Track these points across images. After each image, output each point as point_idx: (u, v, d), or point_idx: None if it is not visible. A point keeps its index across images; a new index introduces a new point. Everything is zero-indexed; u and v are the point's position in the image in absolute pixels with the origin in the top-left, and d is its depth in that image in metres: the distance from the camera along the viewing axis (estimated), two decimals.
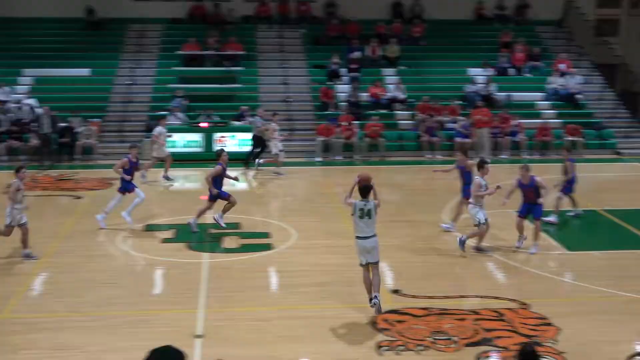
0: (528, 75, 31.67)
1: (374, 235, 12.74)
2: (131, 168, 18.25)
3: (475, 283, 14.84)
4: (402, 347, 11.94)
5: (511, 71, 31.65)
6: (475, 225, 16.38)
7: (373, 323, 12.78)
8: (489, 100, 29.21)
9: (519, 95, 30.29)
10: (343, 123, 27.23)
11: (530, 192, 16.48)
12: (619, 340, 12.35)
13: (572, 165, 19.22)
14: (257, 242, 17.26)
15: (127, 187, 18.31)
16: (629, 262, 16.26)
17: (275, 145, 24.65)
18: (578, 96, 30.15)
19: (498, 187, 16.51)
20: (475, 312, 13.21)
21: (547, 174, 24.72)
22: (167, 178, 23.57)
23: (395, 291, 14.29)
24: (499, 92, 29.89)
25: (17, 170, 15.66)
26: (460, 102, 29.23)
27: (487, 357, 11.72)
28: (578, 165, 25.50)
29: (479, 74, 30.75)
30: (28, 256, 15.74)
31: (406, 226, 18.82)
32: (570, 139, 27.76)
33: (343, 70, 30.71)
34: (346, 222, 18.39)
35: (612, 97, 31.56)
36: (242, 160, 25.18)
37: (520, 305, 13.64)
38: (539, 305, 13.65)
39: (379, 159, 26.49)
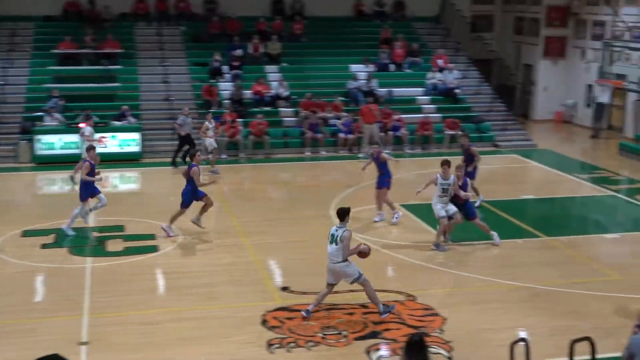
0: (408, 70, 32.25)
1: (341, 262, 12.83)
2: (92, 171, 17.65)
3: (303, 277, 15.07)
4: (292, 344, 12.05)
5: (391, 67, 32.16)
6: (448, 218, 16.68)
7: (264, 321, 12.84)
8: (371, 96, 29.63)
9: (399, 91, 30.82)
10: (227, 121, 27.15)
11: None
12: (503, 327, 12.80)
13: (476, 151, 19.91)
14: (142, 245, 17.05)
15: (93, 192, 17.78)
16: (509, 252, 16.83)
17: (210, 144, 24.82)
18: (456, 91, 30.90)
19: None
20: (364, 306, 13.43)
21: (430, 168, 25.37)
22: (72, 178, 23.20)
23: (285, 288, 14.38)
24: (380, 87, 30.35)
25: None
26: (343, 99, 29.54)
27: (377, 349, 11.95)
28: (459, 159, 26.08)
29: (360, 70, 31.14)
30: None
31: (293, 223, 18.95)
32: (449, 132, 28.44)
33: (225, 68, 30.61)
34: (234, 221, 18.39)
35: (488, 92, 32.46)
36: (170, 160, 25.09)
37: (407, 297, 13.95)
38: (426, 297, 14.00)
39: (264, 157, 26.55)
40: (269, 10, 34.47)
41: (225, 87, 29.66)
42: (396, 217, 18.86)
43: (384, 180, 18.73)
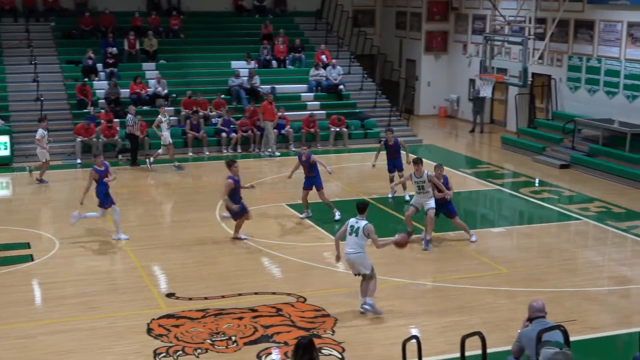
0: (291, 67, 32.33)
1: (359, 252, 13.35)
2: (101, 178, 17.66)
3: (251, 280, 15.02)
4: (180, 352, 11.90)
5: (274, 63, 32.18)
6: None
7: (149, 330, 12.63)
8: (253, 94, 29.57)
9: (282, 88, 30.87)
10: (103, 122, 26.60)
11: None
12: (395, 325, 12.97)
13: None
14: (16, 254, 16.53)
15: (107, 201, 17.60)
16: (397, 249, 17.01)
17: (166, 138, 24.89)
18: (340, 87, 31.14)
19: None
20: (253, 310, 13.39)
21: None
22: (40, 181, 23.07)
23: (170, 295, 14.20)
24: (262, 84, 30.31)
25: None
26: (225, 96, 29.35)
27: (268, 354, 11.92)
28: (344, 156, 26.32)
29: (242, 67, 31.02)
30: None
31: (177, 226, 18.72)
32: (334, 129, 28.64)
33: (99, 66, 29.98)
34: (113, 226, 18.01)
35: (372, 87, 32.86)
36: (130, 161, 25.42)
37: (297, 299, 13.97)
38: (316, 297, 14.05)
39: (144, 158, 26.13)
40: (144, 5, 33.97)
41: (100, 86, 29.06)
42: (305, 215, 19.28)
43: (318, 180, 19.03)
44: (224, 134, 27.36)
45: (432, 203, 17.29)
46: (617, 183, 23.35)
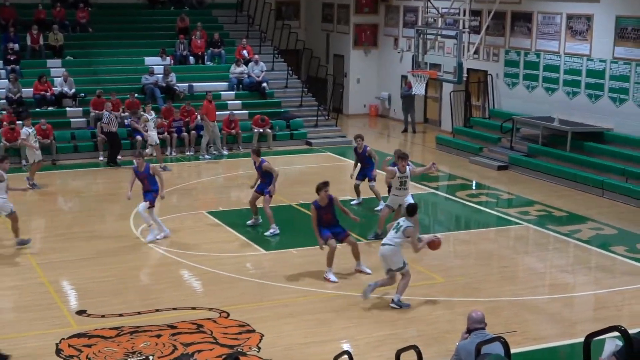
0: (209, 63, 32.19)
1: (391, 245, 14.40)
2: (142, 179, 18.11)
3: (170, 294, 14.93)
4: None
5: (191, 59, 32.01)
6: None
7: (58, 351, 12.46)
8: (169, 92, 29.38)
9: (201, 86, 30.73)
10: (5, 124, 26.13)
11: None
12: (325, 340, 13.01)
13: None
14: None
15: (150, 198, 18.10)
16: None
17: (152, 138, 25.32)
18: (263, 85, 31.13)
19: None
20: (172, 327, 13.30)
21: (239, 169, 25.51)
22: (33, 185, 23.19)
23: (81, 312, 14.02)
24: (179, 82, 30.13)
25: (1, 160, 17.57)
26: (139, 95, 29.06)
27: None
28: (269, 159, 26.35)
29: (156, 64, 30.80)
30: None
31: (88, 237, 18.49)
32: (258, 130, 28.59)
33: None
34: (9, 233, 17.71)
35: (298, 85, 32.93)
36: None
37: (219, 314, 13.92)
38: (240, 312, 14.02)
39: (51, 163, 25.76)
40: None
41: (0, 85, 28.55)
42: (252, 222, 19.47)
43: (267, 187, 19.00)
44: (138, 137, 27.07)
45: (410, 199, 17.97)
46: (558, 185, 23.81)
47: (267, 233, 18.85)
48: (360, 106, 36.23)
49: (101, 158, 26.64)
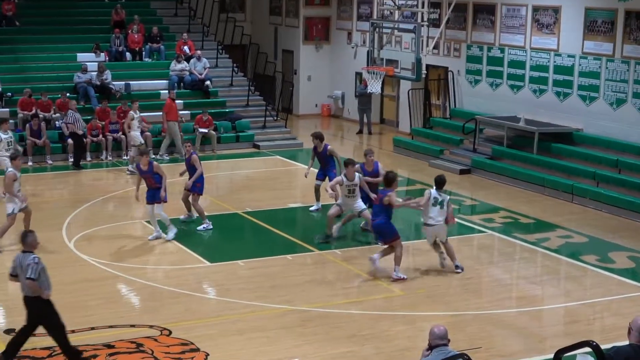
0: (148, 59, 32.03)
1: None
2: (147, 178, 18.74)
3: (106, 310, 14.82)
4: None
5: (127, 55, 31.82)
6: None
7: None
8: (104, 91, 29.17)
9: (138, 84, 30.54)
10: None
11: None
12: (276, 359, 12.99)
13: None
14: None
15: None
16: (276, 270, 17.12)
17: (136, 137, 25.42)
18: (206, 83, 31.02)
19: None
20: (109, 346, 13.20)
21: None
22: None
23: (9, 331, 13.85)
24: (115, 80, 29.94)
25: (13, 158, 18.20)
26: (71, 95, 28.80)
27: None
28: (213, 164, 26.27)
29: (89, 60, 30.57)
30: None
31: (13, 250, 18.24)
32: (202, 131, 28.44)
33: None
34: None
35: (244, 83, 32.86)
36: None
37: (160, 332, 13.84)
38: (183, 329, 13.95)
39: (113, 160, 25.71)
40: None
41: None
42: (186, 217, 20.28)
43: (195, 184, 19.66)
44: (70, 141, 26.82)
45: (361, 204, 18.64)
46: (524, 189, 24.01)
47: (199, 228, 19.52)
48: (312, 106, 36.26)
49: (30, 163, 26.36)
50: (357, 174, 18.44)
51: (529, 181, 24.21)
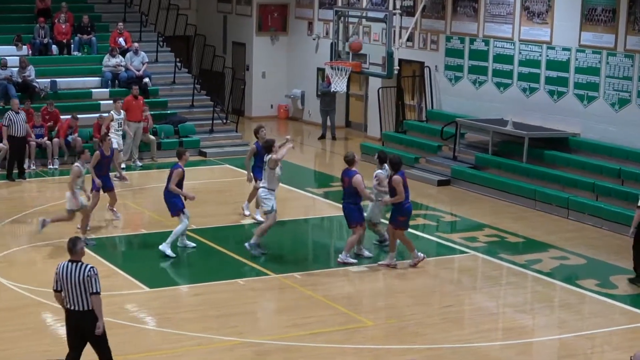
0: (77, 53, 31.85)
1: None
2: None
3: (27, 343, 14.75)
4: None
5: (54, 49, 31.66)
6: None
7: None
8: (27, 90, 28.96)
9: (67, 82, 30.35)
10: None
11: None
12: None
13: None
14: None
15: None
16: (226, 296, 17.05)
17: (117, 142, 25.74)
18: (145, 80, 30.89)
19: None
20: None
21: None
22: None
23: None
24: (39, 77, 29.76)
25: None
26: None
27: None
28: (153, 174, 26.17)
29: (10, 54, 30.40)
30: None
31: None
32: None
33: None
34: None
35: (188, 81, 32.78)
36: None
37: None
38: None
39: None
40: None
41: None
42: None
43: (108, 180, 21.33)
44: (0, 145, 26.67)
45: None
46: (512, 203, 24.09)
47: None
48: (267, 107, 36.25)
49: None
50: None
51: (517, 194, 24.28)
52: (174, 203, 19.34)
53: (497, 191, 24.81)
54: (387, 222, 19.31)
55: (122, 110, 26.52)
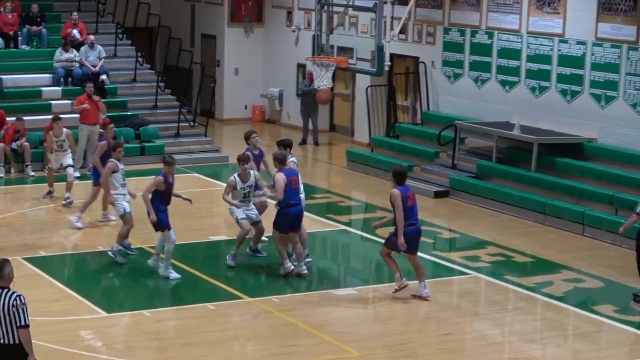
0: (25, 47, 31.86)
1: None
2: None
3: None
4: None
5: None
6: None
7: None
8: None
9: (14, 79, 30.35)
10: None
11: None
12: None
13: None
14: None
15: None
16: (193, 323, 17.02)
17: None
18: (102, 77, 30.86)
19: None
20: None
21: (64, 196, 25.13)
22: None
23: None
24: None
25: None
26: None
27: None
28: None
29: None
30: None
31: None
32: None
33: None
34: None
35: (151, 78, 32.76)
36: None
37: None
38: None
39: None
40: None
41: None
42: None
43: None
44: None
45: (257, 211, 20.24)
46: (519, 218, 24.09)
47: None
48: (240, 108, 36.29)
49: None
50: (253, 173, 20.32)
51: (525, 207, 24.29)
52: (160, 218, 19.27)
53: (501, 204, 24.82)
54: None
55: (63, 130, 25.62)
